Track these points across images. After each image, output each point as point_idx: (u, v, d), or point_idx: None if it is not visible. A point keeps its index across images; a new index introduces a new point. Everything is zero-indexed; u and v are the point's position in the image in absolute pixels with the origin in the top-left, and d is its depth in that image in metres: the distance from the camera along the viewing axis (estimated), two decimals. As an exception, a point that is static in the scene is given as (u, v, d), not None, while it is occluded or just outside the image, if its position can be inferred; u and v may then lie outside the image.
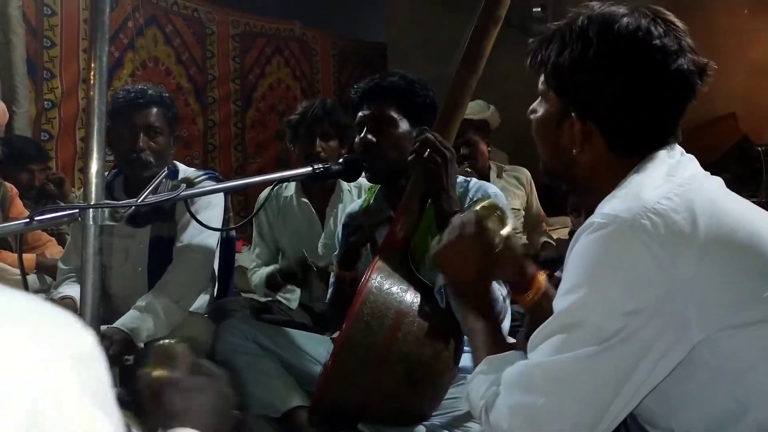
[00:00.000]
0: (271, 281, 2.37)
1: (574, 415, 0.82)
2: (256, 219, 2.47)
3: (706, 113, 4.40)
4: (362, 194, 2.21)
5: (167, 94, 2.15)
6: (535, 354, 0.87)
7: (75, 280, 2.11)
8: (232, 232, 2.46)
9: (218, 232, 2.09)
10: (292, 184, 2.43)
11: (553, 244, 3.19)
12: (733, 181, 0.95)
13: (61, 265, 2.19)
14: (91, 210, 1.08)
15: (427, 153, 1.41)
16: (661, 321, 0.80)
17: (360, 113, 1.64)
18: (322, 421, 1.43)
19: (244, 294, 2.77)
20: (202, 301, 2.22)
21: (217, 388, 0.86)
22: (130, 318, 1.84)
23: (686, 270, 0.80)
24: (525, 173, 3.19)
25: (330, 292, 1.75)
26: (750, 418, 0.82)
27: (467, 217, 1.08)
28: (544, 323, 0.87)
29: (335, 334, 1.72)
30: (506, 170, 3.22)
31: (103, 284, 2.03)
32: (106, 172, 2.00)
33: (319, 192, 2.39)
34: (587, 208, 0.90)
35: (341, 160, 1.60)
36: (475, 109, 3.69)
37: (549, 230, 3.38)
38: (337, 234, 1.85)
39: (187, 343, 0.89)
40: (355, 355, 1.28)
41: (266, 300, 2.46)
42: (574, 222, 2.82)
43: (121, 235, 2.10)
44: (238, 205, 4.96)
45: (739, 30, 4.77)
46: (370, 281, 1.32)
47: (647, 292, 0.80)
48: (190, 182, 2.01)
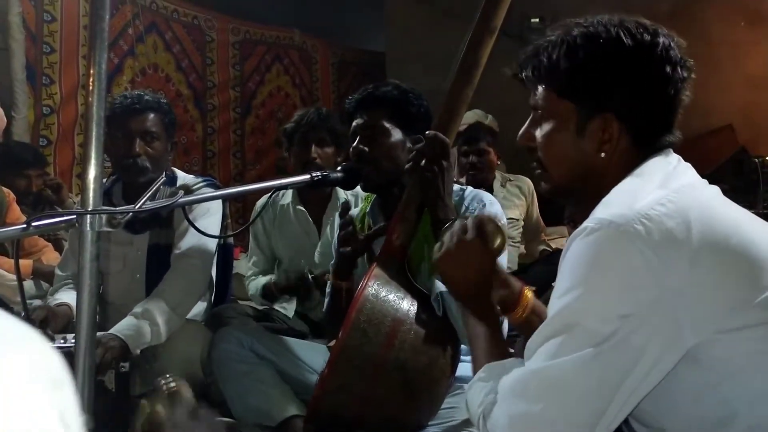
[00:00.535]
0: (268, 292, 2.37)
1: (570, 421, 0.82)
2: (252, 227, 2.47)
3: (704, 125, 4.41)
4: (359, 203, 2.21)
5: (165, 100, 2.15)
6: (531, 360, 0.87)
7: (72, 286, 2.10)
8: (230, 240, 2.45)
9: (216, 239, 2.09)
10: (289, 192, 2.43)
11: (550, 251, 3.20)
12: (730, 193, 0.95)
13: (58, 272, 2.18)
14: (89, 216, 1.08)
15: (423, 162, 1.41)
16: (653, 325, 0.80)
17: (354, 122, 1.65)
18: (319, 431, 1.42)
19: (241, 301, 2.76)
20: (200, 309, 2.21)
21: None
22: (126, 325, 1.83)
23: (679, 275, 0.80)
24: (527, 183, 3.20)
25: (326, 300, 1.74)
26: (740, 422, 0.82)
27: (468, 222, 1.08)
28: (539, 328, 0.88)
29: (332, 343, 1.71)
30: (510, 180, 3.23)
31: (100, 291, 2.04)
32: (105, 179, 2.01)
33: (315, 200, 2.40)
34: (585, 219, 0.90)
35: (340, 167, 1.61)
36: (472, 119, 3.70)
37: (547, 239, 3.39)
38: (334, 242, 1.85)
39: (186, 379, 0.89)
40: (351, 364, 1.28)
41: (263, 308, 2.46)
42: (571, 232, 2.82)
43: (120, 242, 2.10)
44: (236, 213, 4.96)
45: (736, 42, 4.80)
46: (366, 289, 1.32)
47: (640, 297, 0.81)
48: (188, 189, 2.02)
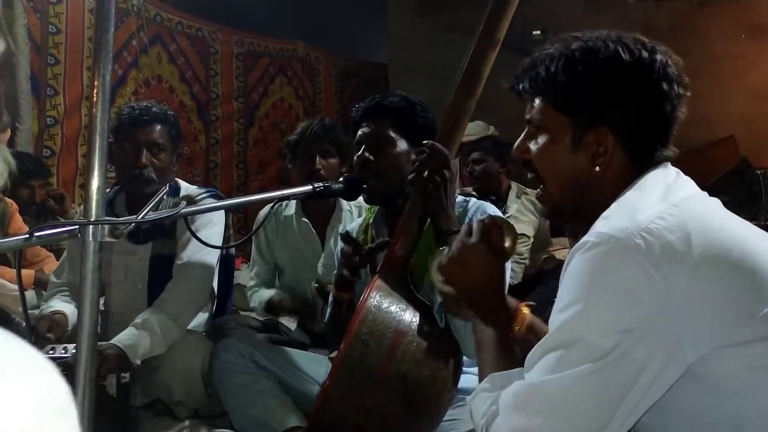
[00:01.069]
0: (272, 307, 2.36)
1: None
2: (255, 237, 2.47)
3: (705, 136, 4.42)
4: (362, 214, 2.21)
5: (171, 112, 2.16)
6: (531, 373, 0.87)
7: (67, 294, 2.11)
8: (232, 250, 2.45)
9: (218, 250, 2.09)
10: (293, 203, 2.42)
11: (553, 257, 3.20)
12: (732, 204, 0.95)
13: (53, 279, 2.18)
14: (91, 226, 1.08)
15: (426, 173, 1.42)
16: (655, 340, 0.80)
17: (360, 131, 1.65)
18: (319, 442, 1.41)
19: (243, 312, 2.76)
20: (201, 319, 2.21)
21: None
22: (127, 335, 1.83)
23: (680, 289, 0.80)
24: None
25: (328, 312, 1.74)
26: None
27: (473, 225, 1.08)
28: (540, 342, 0.87)
29: (333, 354, 1.71)
30: (525, 193, 3.17)
31: (102, 301, 2.04)
32: (108, 189, 2.02)
33: (319, 212, 2.39)
34: (586, 232, 0.89)
35: (342, 178, 1.61)
36: (475, 130, 3.71)
37: (551, 250, 3.39)
38: (337, 254, 1.85)
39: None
40: (352, 375, 1.27)
41: (266, 319, 2.45)
42: (572, 245, 2.82)
43: (122, 252, 2.10)
44: (238, 223, 4.97)
45: (737, 54, 4.82)
46: (368, 300, 1.32)
47: (640, 312, 0.80)
48: (191, 200, 2.02)
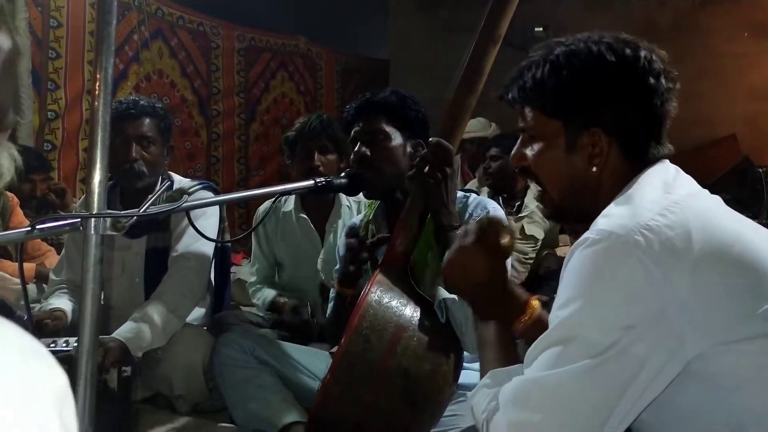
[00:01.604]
0: (276, 308, 2.37)
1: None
2: (255, 233, 2.47)
3: (708, 135, 4.42)
4: (362, 210, 2.21)
5: (160, 105, 2.16)
6: (531, 369, 0.87)
7: (66, 291, 2.11)
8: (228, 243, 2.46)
9: (213, 242, 2.10)
10: (292, 199, 2.43)
11: (554, 253, 3.20)
12: (733, 202, 0.95)
13: (53, 276, 2.19)
14: (93, 219, 1.09)
15: (427, 168, 1.42)
16: (654, 337, 0.80)
17: (354, 129, 1.66)
18: (320, 437, 1.42)
19: (243, 307, 2.76)
20: (200, 313, 2.21)
21: None
22: (127, 328, 1.84)
23: (680, 286, 0.80)
24: None
25: (330, 307, 1.74)
26: None
27: (469, 226, 1.09)
28: (540, 337, 0.88)
29: (334, 349, 1.71)
30: None
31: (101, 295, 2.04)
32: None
33: (318, 208, 2.39)
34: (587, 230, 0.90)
35: (343, 173, 1.61)
36: (476, 127, 3.72)
37: (553, 248, 3.40)
38: (337, 249, 1.85)
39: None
40: (353, 370, 1.27)
41: (268, 315, 2.45)
42: (573, 242, 2.83)
43: (118, 247, 2.10)
44: (240, 218, 4.97)
45: (740, 53, 4.81)
46: (369, 295, 1.32)
47: (641, 308, 0.81)
48: (185, 192, 2.02)
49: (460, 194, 1.63)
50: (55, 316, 1.95)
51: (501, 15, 1.42)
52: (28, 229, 1.10)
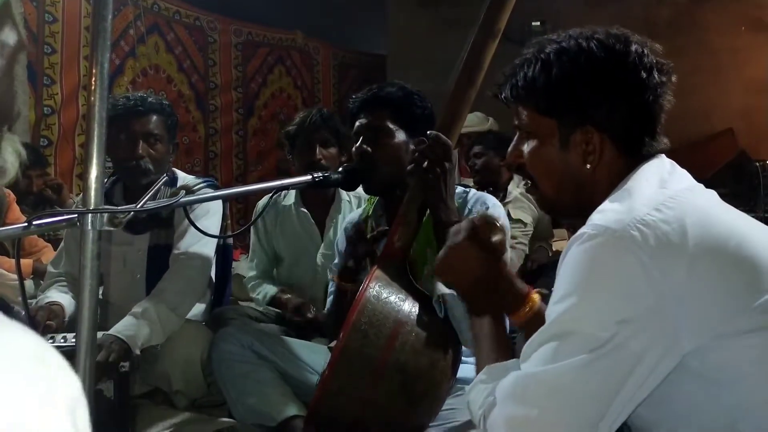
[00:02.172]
0: (277, 303, 2.37)
1: (568, 426, 0.83)
2: (254, 227, 2.47)
3: (704, 129, 4.43)
4: (362, 204, 2.21)
5: (167, 102, 2.15)
6: (527, 363, 0.87)
7: (64, 284, 2.11)
8: (229, 240, 2.45)
9: (216, 240, 2.09)
10: (292, 193, 2.42)
11: (545, 247, 3.21)
12: (730, 197, 0.95)
13: (50, 268, 2.18)
14: (90, 215, 1.08)
15: (426, 163, 1.41)
16: (651, 331, 0.80)
17: (357, 122, 1.64)
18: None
19: (242, 302, 2.76)
20: (199, 309, 2.21)
21: None
22: (126, 325, 1.83)
23: (676, 280, 0.80)
24: None
25: (329, 301, 1.74)
26: (743, 428, 0.82)
27: (462, 224, 1.09)
28: (536, 333, 0.88)
29: (333, 344, 1.71)
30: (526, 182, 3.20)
31: (100, 291, 2.04)
32: (105, 180, 2.02)
33: (318, 202, 2.39)
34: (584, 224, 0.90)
35: (340, 169, 1.60)
36: (474, 121, 3.71)
37: (552, 242, 3.40)
38: (337, 244, 1.85)
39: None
40: (352, 364, 1.27)
41: (265, 309, 2.45)
42: (570, 236, 2.83)
43: (120, 242, 2.10)
44: (238, 213, 4.97)
45: (737, 48, 4.82)
46: (368, 290, 1.32)
47: (637, 303, 0.81)
48: (189, 190, 2.01)
49: (460, 189, 1.62)
50: (53, 311, 1.95)
51: (500, 10, 1.42)
52: (25, 225, 1.10)
